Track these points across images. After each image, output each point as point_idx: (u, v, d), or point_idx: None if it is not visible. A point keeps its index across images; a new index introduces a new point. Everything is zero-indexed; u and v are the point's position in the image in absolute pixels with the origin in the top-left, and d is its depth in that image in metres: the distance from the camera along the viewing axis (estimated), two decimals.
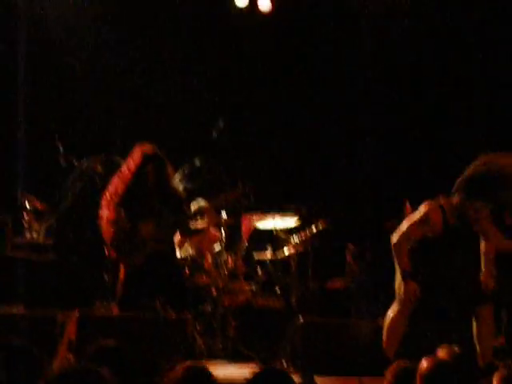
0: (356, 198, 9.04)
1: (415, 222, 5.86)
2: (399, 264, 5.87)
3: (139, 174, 6.51)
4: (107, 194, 6.52)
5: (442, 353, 3.80)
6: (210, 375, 3.39)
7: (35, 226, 6.56)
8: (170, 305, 6.28)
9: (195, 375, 3.32)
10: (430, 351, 3.89)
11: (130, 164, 6.57)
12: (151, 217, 6.46)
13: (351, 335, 6.22)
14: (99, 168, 7.18)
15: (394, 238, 5.88)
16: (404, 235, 5.85)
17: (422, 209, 5.88)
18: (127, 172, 6.54)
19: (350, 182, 9.17)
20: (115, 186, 6.53)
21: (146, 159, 6.55)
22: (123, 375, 3.59)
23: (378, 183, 8.88)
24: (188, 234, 6.85)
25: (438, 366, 3.54)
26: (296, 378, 4.07)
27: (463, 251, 6.02)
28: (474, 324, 5.98)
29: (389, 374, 4.29)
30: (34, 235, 6.52)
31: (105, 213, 6.42)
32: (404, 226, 5.89)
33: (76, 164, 7.09)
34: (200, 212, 7.29)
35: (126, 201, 6.45)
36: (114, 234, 6.32)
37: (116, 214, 6.38)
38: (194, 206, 7.21)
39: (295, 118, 9.29)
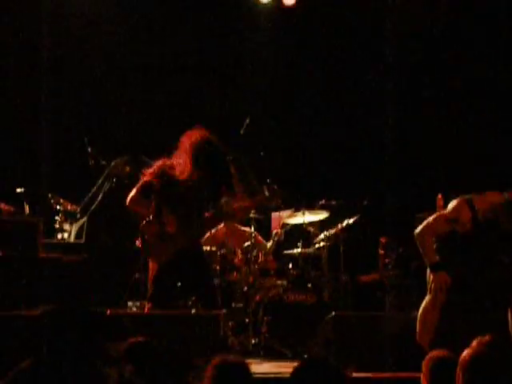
0: (387, 190, 8.96)
1: (442, 216, 5.80)
2: (424, 256, 5.81)
3: (196, 157, 6.02)
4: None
5: (477, 344, 3.70)
6: (245, 368, 3.34)
7: (66, 226, 6.59)
8: (201, 302, 6.26)
9: (230, 369, 3.28)
10: (465, 342, 3.81)
11: (186, 143, 6.08)
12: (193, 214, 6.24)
13: (385, 328, 6.15)
14: (127, 168, 7.17)
15: (418, 229, 5.82)
16: (428, 228, 5.78)
17: (452, 205, 5.81)
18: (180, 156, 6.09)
19: (382, 174, 9.09)
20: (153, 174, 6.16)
21: (205, 141, 6.10)
22: (154, 372, 3.58)
23: (409, 176, 8.81)
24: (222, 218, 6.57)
25: (484, 355, 3.40)
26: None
27: (495, 242, 5.95)
28: (510, 314, 5.90)
29: (424, 366, 4.23)
30: (65, 236, 6.55)
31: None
32: (430, 219, 5.83)
33: (104, 164, 7.09)
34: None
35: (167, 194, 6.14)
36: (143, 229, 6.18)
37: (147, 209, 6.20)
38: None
39: (323, 113, 9.23)
